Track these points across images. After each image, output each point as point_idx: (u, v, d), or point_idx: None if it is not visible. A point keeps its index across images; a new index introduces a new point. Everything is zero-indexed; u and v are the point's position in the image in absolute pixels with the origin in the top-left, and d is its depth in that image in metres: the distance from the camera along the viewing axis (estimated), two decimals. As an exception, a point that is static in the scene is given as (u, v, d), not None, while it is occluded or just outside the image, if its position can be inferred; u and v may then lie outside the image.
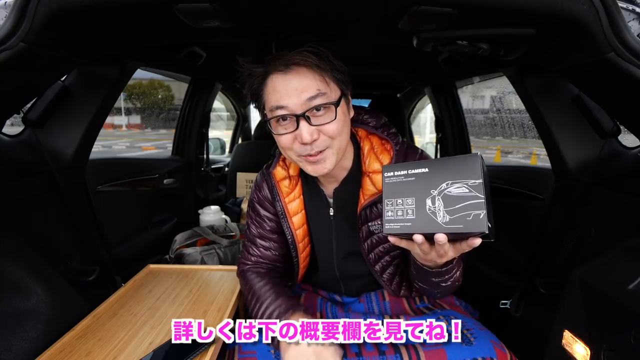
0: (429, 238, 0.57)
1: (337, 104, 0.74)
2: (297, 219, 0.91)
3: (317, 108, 0.72)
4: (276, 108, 0.73)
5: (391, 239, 0.61)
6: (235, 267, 1.19)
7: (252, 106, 0.83)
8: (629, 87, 0.67)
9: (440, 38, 0.78)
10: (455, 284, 0.75)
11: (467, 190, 0.54)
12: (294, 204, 0.91)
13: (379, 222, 0.85)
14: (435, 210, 0.55)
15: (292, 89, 0.71)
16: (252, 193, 0.99)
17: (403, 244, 0.62)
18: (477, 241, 0.55)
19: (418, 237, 0.57)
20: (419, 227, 0.56)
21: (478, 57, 0.84)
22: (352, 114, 0.83)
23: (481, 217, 0.52)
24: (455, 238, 0.56)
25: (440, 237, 0.55)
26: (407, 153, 0.84)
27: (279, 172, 0.92)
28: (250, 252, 0.97)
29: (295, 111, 0.72)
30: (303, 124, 0.72)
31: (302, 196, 0.92)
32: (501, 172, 1.50)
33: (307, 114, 0.72)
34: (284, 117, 0.74)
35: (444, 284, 0.74)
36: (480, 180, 0.53)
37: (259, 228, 0.96)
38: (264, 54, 0.73)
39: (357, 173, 0.87)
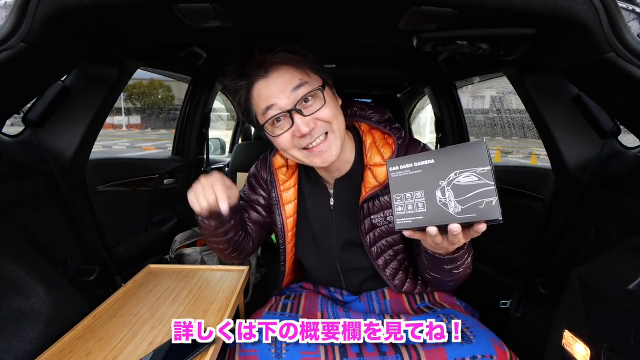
0: (442, 228, 0.57)
1: (322, 88, 0.77)
2: (289, 208, 0.94)
3: (305, 99, 0.75)
4: (266, 109, 0.76)
5: (405, 232, 0.61)
6: (235, 267, 1.19)
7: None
8: (629, 87, 0.67)
9: (440, 38, 0.78)
10: (466, 270, 0.77)
11: (477, 178, 0.54)
12: (288, 193, 0.94)
13: (382, 215, 0.87)
14: (445, 201, 0.55)
15: (276, 86, 0.74)
16: (253, 168, 1.02)
17: (416, 235, 0.63)
18: (483, 226, 0.55)
19: (432, 230, 0.57)
20: (431, 220, 0.56)
21: (478, 57, 0.84)
22: (340, 101, 0.85)
23: (493, 204, 0.52)
24: (467, 226, 0.57)
25: (455, 227, 0.55)
26: (409, 146, 0.86)
27: (277, 160, 0.95)
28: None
29: (285, 107, 0.74)
30: (297, 117, 0.75)
31: (296, 186, 0.95)
32: (501, 172, 1.49)
33: (297, 106, 0.74)
34: (277, 118, 0.76)
35: (456, 271, 0.75)
36: (489, 167, 0.53)
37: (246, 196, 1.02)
38: (242, 66, 0.76)
39: (358, 166, 0.89)
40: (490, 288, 1.38)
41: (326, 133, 0.78)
